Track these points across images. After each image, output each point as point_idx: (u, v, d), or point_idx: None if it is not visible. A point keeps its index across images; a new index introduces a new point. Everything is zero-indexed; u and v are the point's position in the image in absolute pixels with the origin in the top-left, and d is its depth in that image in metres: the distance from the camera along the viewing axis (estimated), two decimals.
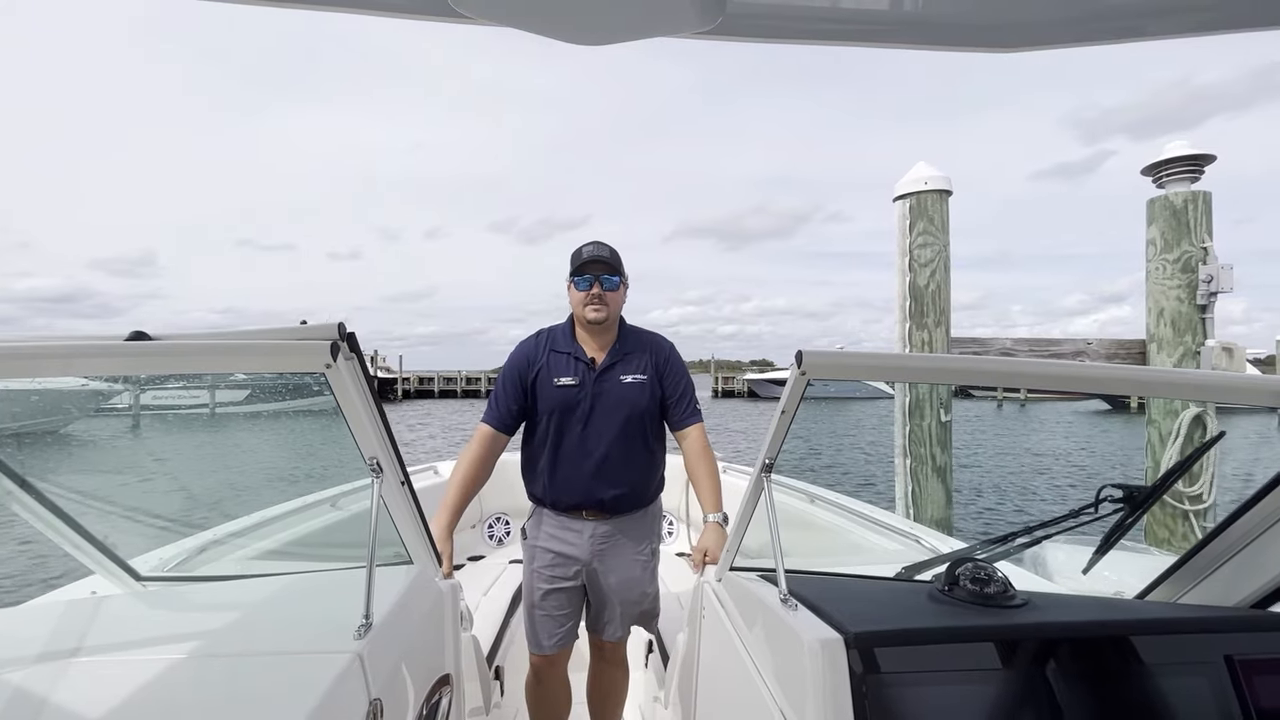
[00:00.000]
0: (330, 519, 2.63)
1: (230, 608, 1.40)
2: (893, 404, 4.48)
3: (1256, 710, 1.04)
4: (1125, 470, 13.75)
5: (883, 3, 1.01)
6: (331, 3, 1.10)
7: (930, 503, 4.18)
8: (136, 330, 0.97)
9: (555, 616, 2.13)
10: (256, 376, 31.57)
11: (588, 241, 2.14)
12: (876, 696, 1.00)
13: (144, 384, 28.30)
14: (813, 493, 3.26)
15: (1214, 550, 1.36)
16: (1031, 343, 4.29)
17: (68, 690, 1.02)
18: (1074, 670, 1.08)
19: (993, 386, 33.57)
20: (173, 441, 22.19)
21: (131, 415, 26.92)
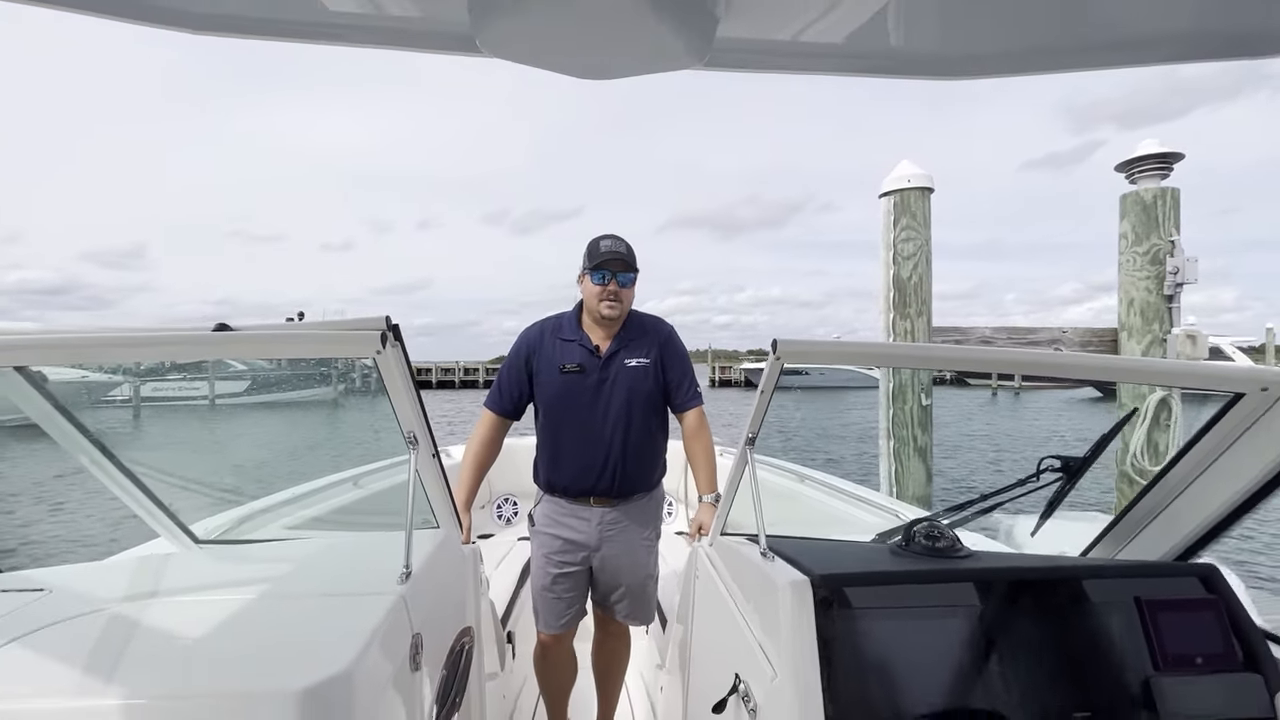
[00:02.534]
0: (358, 493, 2.84)
1: (282, 562, 1.60)
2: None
3: (1157, 639, 1.24)
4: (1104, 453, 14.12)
5: (847, 37, 1.21)
6: (366, 41, 1.31)
7: (912, 481, 4.42)
8: (221, 323, 1.16)
9: (564, 599, 2.23)
10: (256, 372, 31.87)
11: (604, 235, 2.19)
12: (837, 627, 1.20)
13: (143, 376, 28.50)
14: (803, 473, 3.48)
15: (1140, 511, 1.57)
16: (1010, 331, 4.51)
17: (149, 628, 1.21)
18: (1005, 608, 1.28)
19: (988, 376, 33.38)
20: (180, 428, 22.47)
21: (132, 407, 27.15)
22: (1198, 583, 1.32)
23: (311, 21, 1.22)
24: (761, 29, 1.16)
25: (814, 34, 1.15)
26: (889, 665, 1.19)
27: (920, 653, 1.21)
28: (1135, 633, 1.25)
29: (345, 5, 1.11)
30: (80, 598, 1.27)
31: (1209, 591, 1.30)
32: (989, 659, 1.22)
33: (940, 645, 1.23)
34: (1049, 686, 1.21)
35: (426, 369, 60.07)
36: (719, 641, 1.64)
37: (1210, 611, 1.27)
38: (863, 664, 1.18)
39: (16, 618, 1.16)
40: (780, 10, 1.11)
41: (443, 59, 0.96)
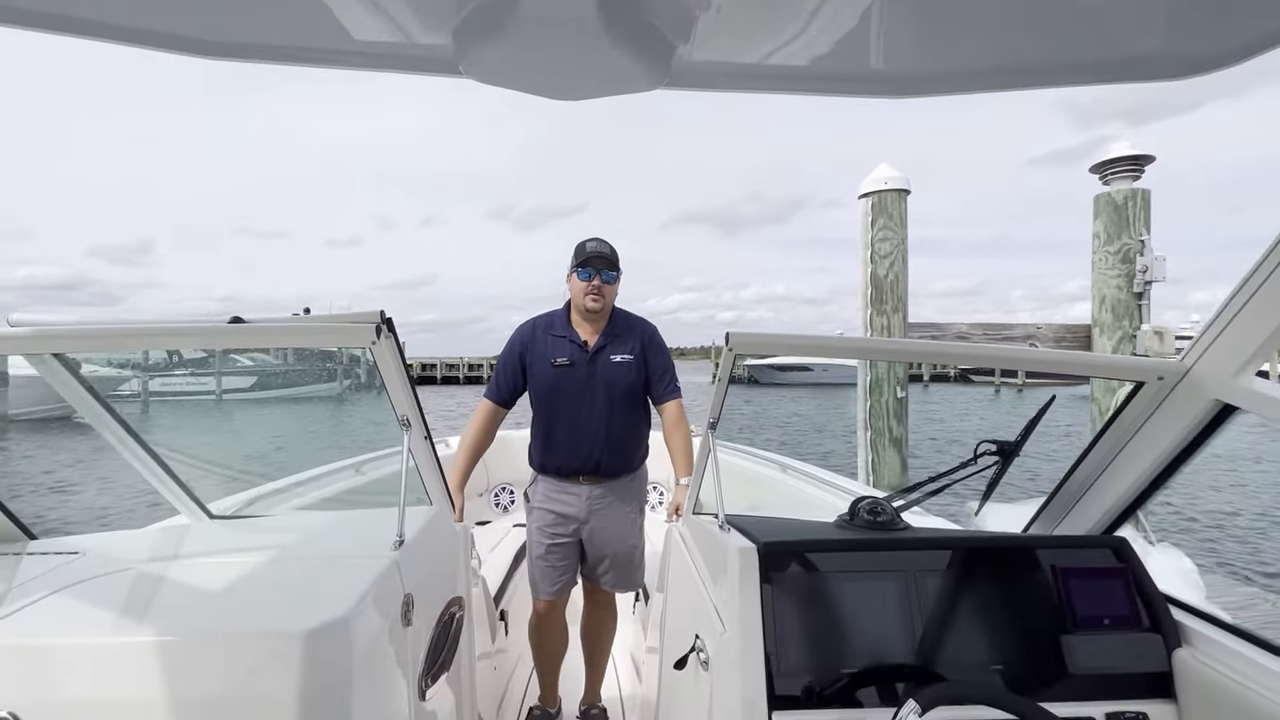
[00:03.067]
0: (359, 479, 3.01)
1: (287, 532, 1.77)
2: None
3: (1069, 602, 1.39)
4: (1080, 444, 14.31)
5: (802, 60, 1.37)
6: (354, 65, 1.48)
7: (887, 470, 4.59)
8: (235, 316, 1.32)
9: (556, 567, 2.44)
10: (262, 367, 32.24)
11: (590, 237, 2.39)
12: (779, 587, 1.35)
13: (151, 371, 28.86)
14: (785, 463, 3.65)
15: (1069, 491, 1.72)
16: (986, 327, 4.66)
17: (171, 583, 1.37)
18: (933, 574, 1.43)
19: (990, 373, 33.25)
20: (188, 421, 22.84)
21: (140, 401, 27.49)
22: (1110, 553, 1.47)
23: (302, 46, 1.38)
24: (717, 53, 1.31)
25: (769, 57, 1.30)
26: (825, 622, 1.34)
27: (855, 611, 1.36)
28: (1051, 597, 1.40)
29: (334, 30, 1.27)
30: (109, 559, 1.44)
31: (1119, 561, 1.45)
32: (916, 618, 1.37)
33: (873, 605, 1.38)
34: (969, 643, 1.36)
35: (431, 364, 60.42)
36: (685, 608, 1.79)
37: (1119, 579, 1.42)
38: (802, 620, 1.33)
39: (55, 575, 1.33)
40: (735, 35, 1.26)
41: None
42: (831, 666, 1.29)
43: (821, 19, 1.16)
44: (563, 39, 1.16)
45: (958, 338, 4.49)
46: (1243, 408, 1.30)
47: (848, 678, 1.27)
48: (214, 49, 1.29)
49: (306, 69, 1.12)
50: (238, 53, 1.34)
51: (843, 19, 1.14)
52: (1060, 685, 1.31)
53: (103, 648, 1.08)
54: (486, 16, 1.13)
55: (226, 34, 1.28)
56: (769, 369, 48.00)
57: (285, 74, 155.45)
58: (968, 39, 1.26)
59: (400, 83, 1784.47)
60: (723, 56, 1.32)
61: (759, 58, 1.31)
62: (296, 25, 1.22)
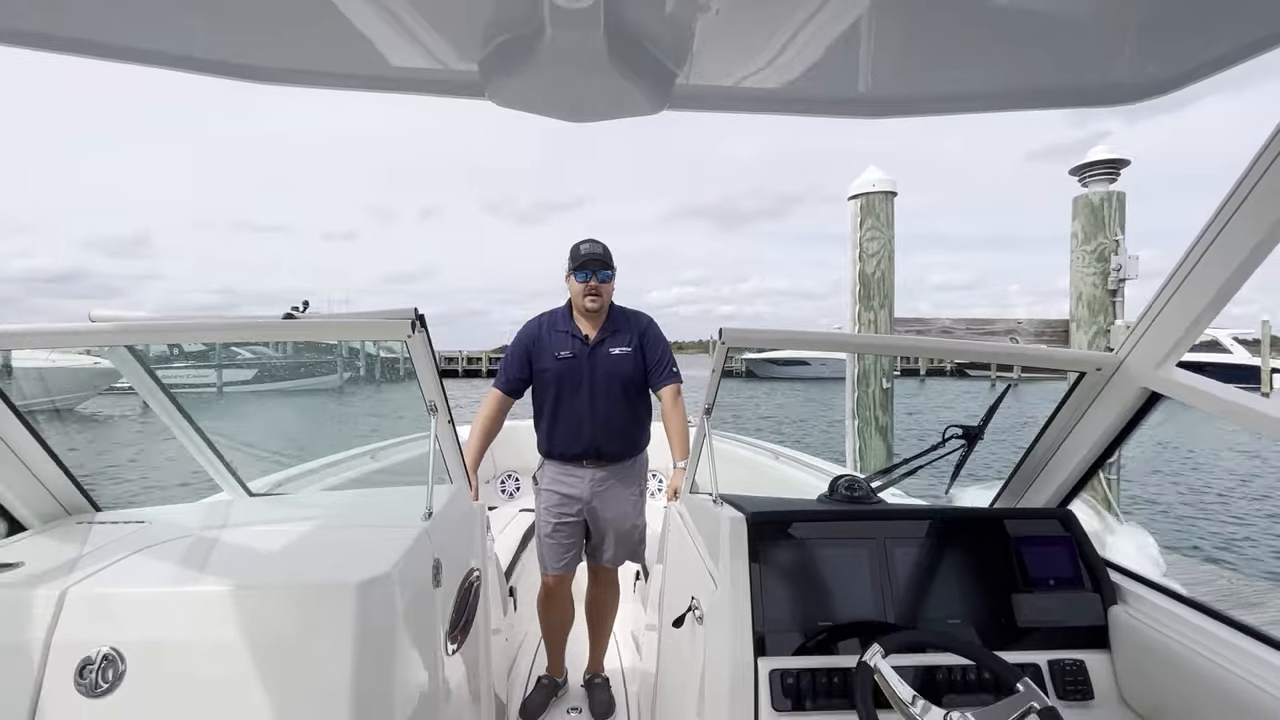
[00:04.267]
0: (374, 465, 3.20)
1: (326, 507, 1.95)
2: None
3: (1019, 565, 1.57)
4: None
5: (787, 85, 1.55)
6: (390, 89, 1.66)
7: (873, 456, 4.81)
8: (288, 311, 1.49)
9: (563, 544, 2.62)
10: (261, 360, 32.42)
11: (584, 240, 2.54)
12: (765, 552, 1.52)
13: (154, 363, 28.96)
14: (779, 450, 3.85)
15: (1029, 469, 1.90)
16: (969, 322, 4.85)
17: (232, 545, 1.55)
18: (902, 540, 1.60)
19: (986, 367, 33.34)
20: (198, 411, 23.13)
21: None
22: (1058, 524, 1.65)
23: (347, 74, 1.55)
24: (713, 80, 1.50)
25: (759, 83, 1.48)
26: (806, 581, 1.52)
27: (831, 573, 1.54)
28: (1005, 561, 1.58)
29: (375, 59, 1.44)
30: (172, 527, 1.61)
31: (1066, 530, 1.64)
32: (885, 579, 1.55)
33: (848, 568, 1.56)
34: (931, 600, 1.54)
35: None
36: (683, 576, 1.97)
37: (1065, 546, 1.61)
38: (784, 580, 1.51)
39: (131, 539, 1.50)
40: (728, 66, 1.44)
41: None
42: (810, 619, 1.47)
43: (804, 53, 1.35)
44: (578, 69, 1.36)
45: (942, 332, 4.68)
46: (1167, 395, 1.48)
47: (824, 629, 1.45)
48: (266, 75, 1.48)
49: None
50: (287, 79, 1.53)
51: (822, 52, 1.32)
52: (1009, 636, 1.49)
53: (185, 596, 1.25)
54: (511, 49, 1.32)
55: (278, 61, 1.47)
56: (767, 363, 47.99)
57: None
58: (935, 69, 1.46)
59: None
60: (718, 83, 1.52)
61: (751, 84, 1.51)
62: (343, 54, 1.40)
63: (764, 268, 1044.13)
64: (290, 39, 1.38)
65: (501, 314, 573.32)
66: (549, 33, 1.24)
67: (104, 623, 1.18)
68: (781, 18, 1.26)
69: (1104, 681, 1.45)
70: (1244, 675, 1.19)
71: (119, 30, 1.31)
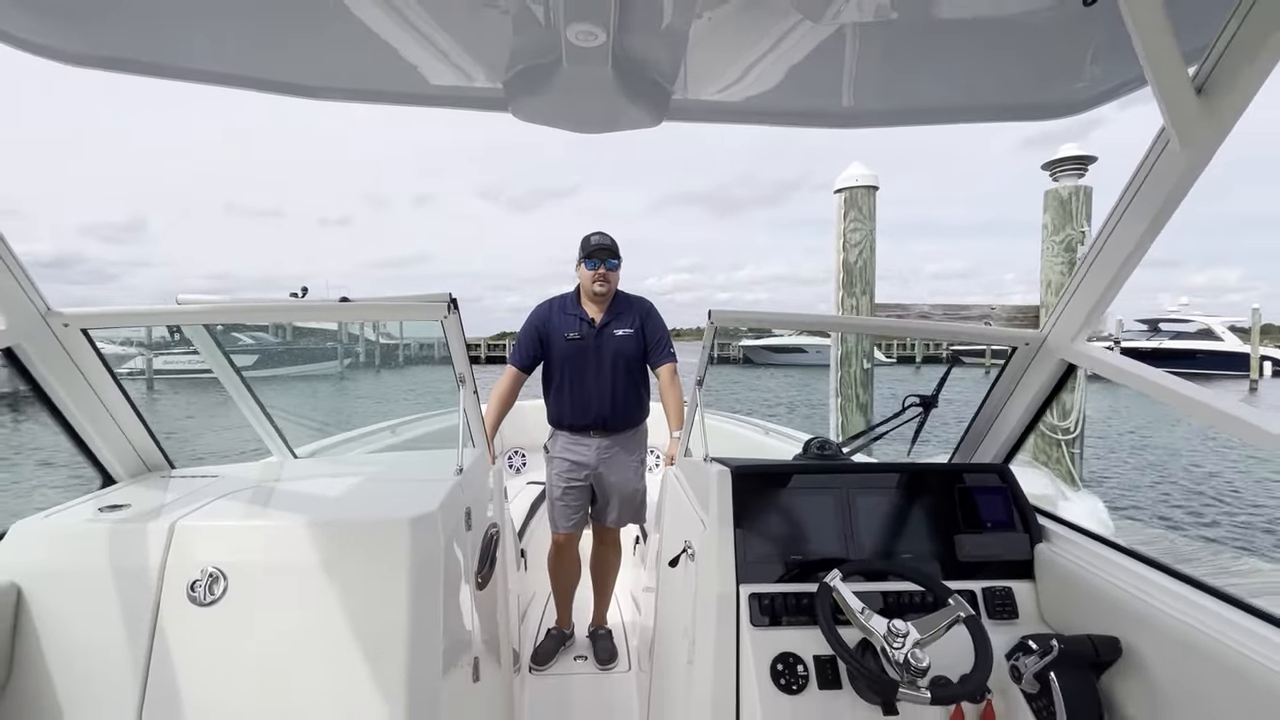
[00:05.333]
0: (399, 437, 3.47)
1: (366, 465, 2.21)
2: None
3: (962, 511, 1.84)
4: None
5: (766, 98, 1.82)
6: (421, 103, 1.93)
7: (854, 430, 5.08)
8: (343, 296, 1.75)
9: (571, 506, 2.90)
10: (262, 346, 32.61)
11: (594, 232, 2.81)
12: (746, 499, 1.77)
13: (157, 349, 29.19)
14: (769, 427, 4.14)
15: (977, 431, 2.17)
16: (946, 308, 5.13)
17: (295, 493, 1.80)
18: (863, 490, 1.86)
19: (981, 354, 33.60)
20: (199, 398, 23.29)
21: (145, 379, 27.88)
22: (997, 476, 1.92)
23: (384, 90, 1.81)
24: (704, 95, 1.77)
25: (745, 97, 1.74)
26: (780, 523, 1.78)
27: (802, 516, 1.81)
28: (949, 507, 1.85)
29: (412, 77, 1.69)
30: (240, 479, 1.88)
31: (1003, 482, 1.91)
32: (848, 522, 1.81)
33: (816, 512, 1.81)
34: (887, 540, 1.80)
35: (430, 344, 60.58)
36: (678, 527, 2.24)
37: (1001, 494, 1.87)
38: (762, 522, 1.77)
39: (209, 489, 1.76)
40: (717, 83, 1.71)
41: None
42: (783, 554, 1.73)
43: (780, 74, 1.61)
44: (588, 92, 1.64)
45: (920, 316, 4.96)
46: (1080, 365, 1.75)
47: (795, 561, 1.72)
48: (323, 93, 1.75)
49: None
50: (339, 96, 1.80)
51: (797, 74, 1.58)
52: (951, 569, 1.75)
53: (267, 528, 1.51)
54: (532, 74, 1.59)
55: (331, 80, 1.73)
56: (763, 350, 48.06)
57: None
58: (895, 87, 1.73)
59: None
60: (708, 99, 1.80)
61: (736, 100, 1.79)
62: (389, 73, 1.67)
63: (759, 254, 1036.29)
64: (345, 61, 1.64)
65: (496, 301, 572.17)
66: (565, 64, 1.50)
67: (205, 549, 1.44)
68: (761, 46, 1.52)
69: (1028, 604, 1.72)
70: (1135, 592, 1.46)
71: (189, 53, 1.57)
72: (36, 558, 1.37)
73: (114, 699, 1.29)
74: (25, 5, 1.26)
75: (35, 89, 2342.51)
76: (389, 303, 1.78)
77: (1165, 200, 1.37)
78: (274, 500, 1.70)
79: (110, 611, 1.34)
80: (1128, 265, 1.53)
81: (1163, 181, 1.36)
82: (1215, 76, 1.19)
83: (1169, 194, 1.36)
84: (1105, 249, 1.55)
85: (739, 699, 1.55)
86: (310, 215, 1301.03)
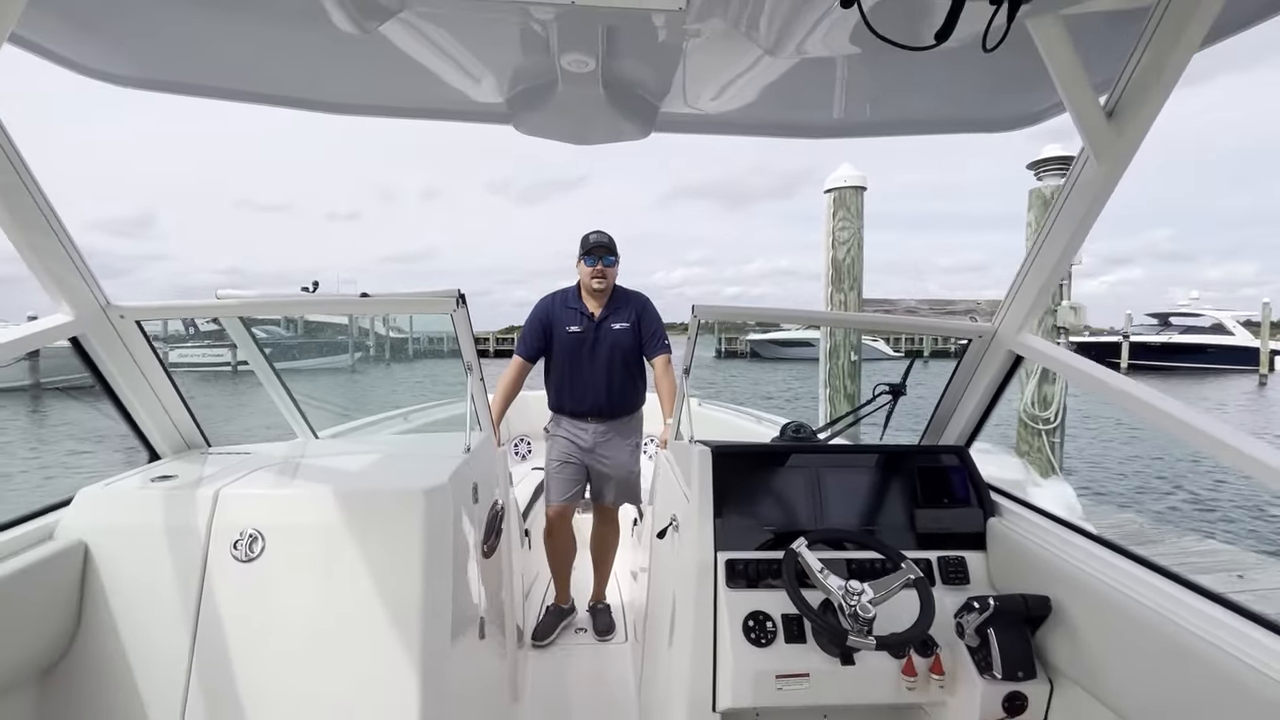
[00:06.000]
0: (411, 424, 3.68)
1: (382, 444, 2.41)
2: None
3: (922, 488, 2.00)
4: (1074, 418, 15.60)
5: (742, 111, 1.99)
6: (433, 117, 2.12)
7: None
8: (364, 291, 1.93)
9: (566, 480, 3.09)
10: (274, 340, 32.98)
11: (593, 230, 2.99)
12: (725, 475, 1.93)
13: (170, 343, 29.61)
14: (760, 415, 4.33)
15: (941, 417, 2.34)
16: (932, 303, 5.29)
17: (318, 466, 1.99)
18: (833, 469, 2.04)
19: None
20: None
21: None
22: (955, 457, 2.09)
23: (400, 106, 1.99)
24: (688, 109, 1.95)
25: (725, 111, 1.92)
26: (755, 497, 1.95)
27: (776, 492, 1.97)
28: (911, 484, 2.02)
29: (429, 92, 1.87)
30: (271, 456, 2.07)
31: (961, 462, 2.08)
32: (818, 497, 1.98)
33: (789, 488, 1.98)
34: (852, 514, 1.97)
35: (439, 338, 60.80)
36: (668, 502, 2.42)
37: (959, 474, 2.04)
38: (739, 496, 1.94)
39: (245, 462, 1.96)
40: (699, 99, 1.88)
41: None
42: (758, 524, 1.90)
43: (753, 92, 1.79)
44: (581, 109, 1.82)
45: (907, 311, 5.13)
46: (1025, 356, 1.92)
47: (768, 531, 1.90)
48: (345, 108, 1.94)
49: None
50: (359, 110, 1.98)
51: (769, 90, 1.76)
52: (911, 539, 1.92)
53: (298, 496, 1.69)
54: (531, 94, 1.78)
55: (351, 98, 1.92)
56: (771, 344, 47.95)
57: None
58: (858, 101, 1.91)
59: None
60: (690, 113, 1.98)
61: (715, 113, 1.97)
62: (406, 89, 1.85)
63: (770, 247, 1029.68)
64: (368, 81, 1.83)
65: (505, 294, 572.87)
66: (560, 86, 1.69)
67: (245, 513, 1.63)
68: (736, 69, 1.70)
69: (979, 571, 1.89)
70: (1066, 558, 1.63)
71: (225, 75, 1.76)
72: (101, 519, 1.57)
73: (170, 640, 1.49)
74: (89, 38, 1.46)
75: (47, 87, 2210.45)
76: (402, 297, 1.97)
77: (1088, 209, 1.55)
78: (302, 473, 1.89)
79: (165, 566, 1.53)
80: (1060, 266, 1.70)
81: (1085, 193, 1.54)
82: (1122, 104, 1.37)
83: (1090, 204, 1.53)
84: (1041, 253, 1.72)
85: (715, 651, 1.73)
86: (319, 210, 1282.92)
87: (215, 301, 1.84)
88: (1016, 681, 1.59)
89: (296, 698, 1.48)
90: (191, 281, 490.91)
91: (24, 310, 16.00)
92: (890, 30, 1.04)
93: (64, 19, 1.38)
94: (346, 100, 1.90)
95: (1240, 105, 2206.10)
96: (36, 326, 1.54)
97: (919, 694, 1.66)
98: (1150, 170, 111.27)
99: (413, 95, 1.92)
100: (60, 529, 1.54)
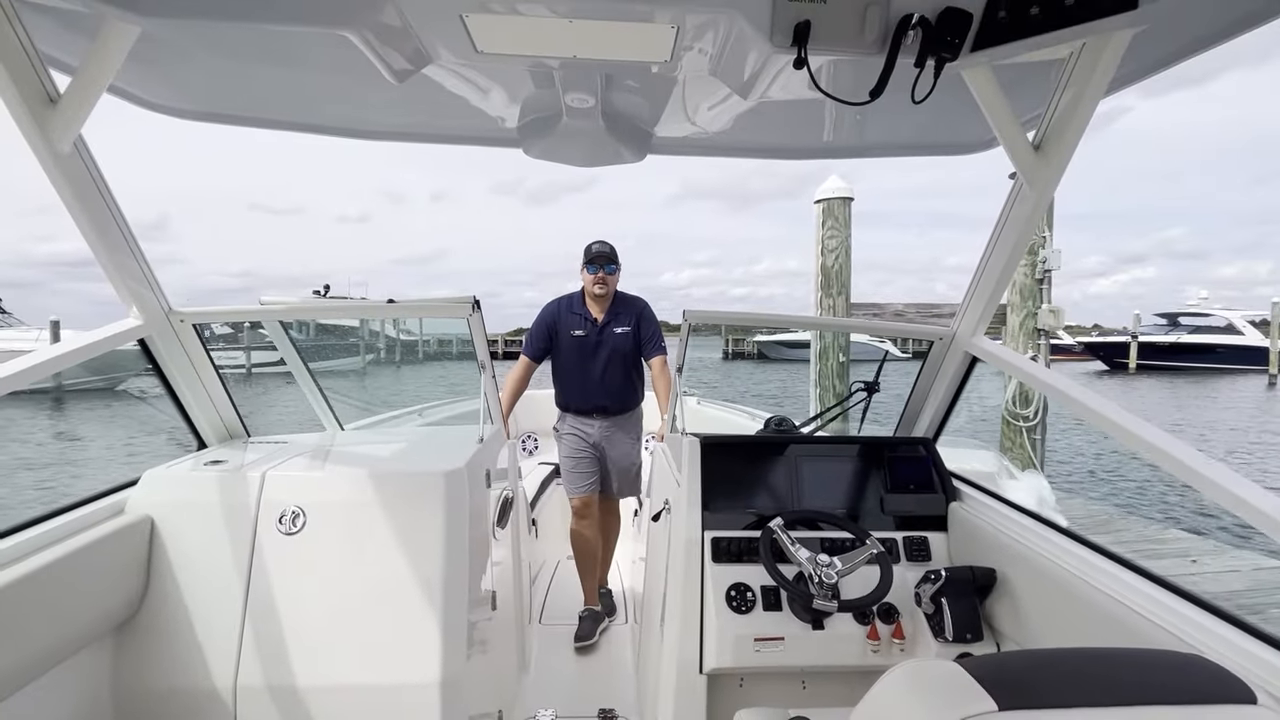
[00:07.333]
0: (426, 420, 3.90)
1: (403, 435, 2.61)
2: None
3: (891, 475, 2.16)
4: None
5: (731, 134, 2.20)
6: (447, 141, 2.34)
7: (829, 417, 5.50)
8: (390, 298, 2.14)
9: (583, 473, 3.25)
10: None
11: (595, 241, 3.15)
12: (712, 463, 2.09)
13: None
14: (753, 412, 4.52)
15: (912, 411, 2.52)
16: (919, 307, 5.48)
17: (348, 453, 2.18)
18: (810, 458, 2.21)
19: None
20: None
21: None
22: (921, 448, 2.28)
23: (418, 132, 2.20)
24: (681, 134, 2.15)
25: (716, 134, 2.12)
26: (738, 482, 2.12)
27: (757, 478, 2.14)
28: (881, 472, 2.20)
29: (445, 118, 2.09)
30: (304, 444, 2.28)
31: (926, 453, 2.26)
32: (796, 483, 2.15)
33: (769, 475, 2.14)
34: (828, 499, 2.14)
35: (448, 340, 61.04)
36: (662, 489, 2.61)
37: (924, 463, 2.22)
38: (724, 481, 2.09)
39: (284, 450, 2.17)
40: (691, 124, 2.09)
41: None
42: (740, 506, 2.07)
43: (739, 120, 2.00)
44: (584, 137, 2.03)
45: (895, 315, 5.32)
46: (980, 357, 2.12)
47: (749, 513, 2.08)
48: (364, 134, 2.16)
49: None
50: (380, 136, 2.20)
51: (754, 115, 1.96)
52: (879, 521, 2.09)
53: (333, 477, 1.88)
54: (539, 124, 2.00)
55: (378, 126, 2.14)
56: (778, 345, 47.72)
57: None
58: (837, 126, 2.11)
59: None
60: (682, 137, 2.20)
61: (704, 138, 2.18)
62: (426, 115, 2.06)
63: (778, 248, 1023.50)
64: (393, 110, 2.04)
65: (514, 296, 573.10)
66: (564, 119, 1.90)
67: (289, 492, 1.83)
68: (720, 101, 1.90)
69: (940, 550, 2.07)
70: (1013, 535, 1.82)
71: (269, 106, 1.98)
72: (164, 497, 1.78)
73: (225, 600, 1.71)
74: (155, 75, 1.68)
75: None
76: (421, 302, 2.18)
77: (1024, 228, 1.75)
78: (336, 458, 2.10)
79: (220, 537, 1.75)
80: (1004, 278, 1.90)
81: (1020, 215, 1.74)
82: (1047, 138, 1.57)
83: (1025, 225, 1.73)
84: (989, 264, 1.92)
85: (702, 620, 1.92)
86: (329, 212, 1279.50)
87: (261, 306, 2.06)
88: (965, 643, 1.77)
89: (333, 650, 1.69)
90: (203, 285, 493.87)
91: (44, 314, 16.25)
92: (836, 88, 1.24)
93: (134, 59, 1.59)
94: (378, 128, 2.11)
95: (1252, 102, 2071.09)
96: (112, 329, 1.75)
97: (883, 656, 1.84)
98: (1163, 168, 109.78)
99: (435, 124, 2.13)
100: (130, 505, 1.76)
